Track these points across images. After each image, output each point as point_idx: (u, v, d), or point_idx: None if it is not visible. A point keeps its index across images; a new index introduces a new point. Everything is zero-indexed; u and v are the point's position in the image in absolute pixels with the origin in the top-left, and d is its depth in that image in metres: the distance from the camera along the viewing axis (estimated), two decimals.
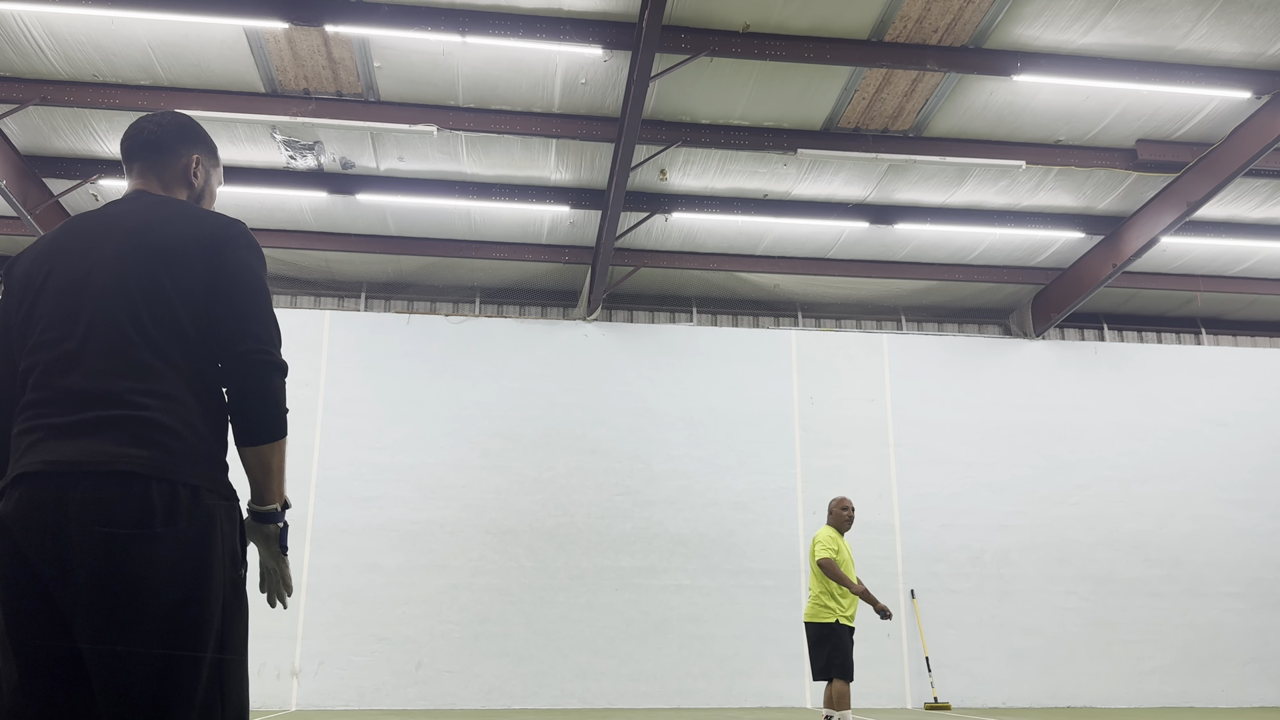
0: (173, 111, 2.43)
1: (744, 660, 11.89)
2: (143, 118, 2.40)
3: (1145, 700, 12.40)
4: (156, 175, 2.32)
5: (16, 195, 10.07)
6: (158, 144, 2.33)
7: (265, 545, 2.15)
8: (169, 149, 2.33)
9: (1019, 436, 13.17)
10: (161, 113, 2.41)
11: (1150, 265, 12.79)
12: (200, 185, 2.39)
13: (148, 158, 2.32)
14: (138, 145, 2.33)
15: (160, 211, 2.17)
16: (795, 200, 11.46)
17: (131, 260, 2.06)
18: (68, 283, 2.06)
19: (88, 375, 1.94)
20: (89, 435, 1.88)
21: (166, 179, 2.33)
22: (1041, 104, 9.78)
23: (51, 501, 1.84)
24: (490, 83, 9.43)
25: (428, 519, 11.92)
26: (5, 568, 1.86)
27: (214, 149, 2.46)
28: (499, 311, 13.19)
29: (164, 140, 2.33)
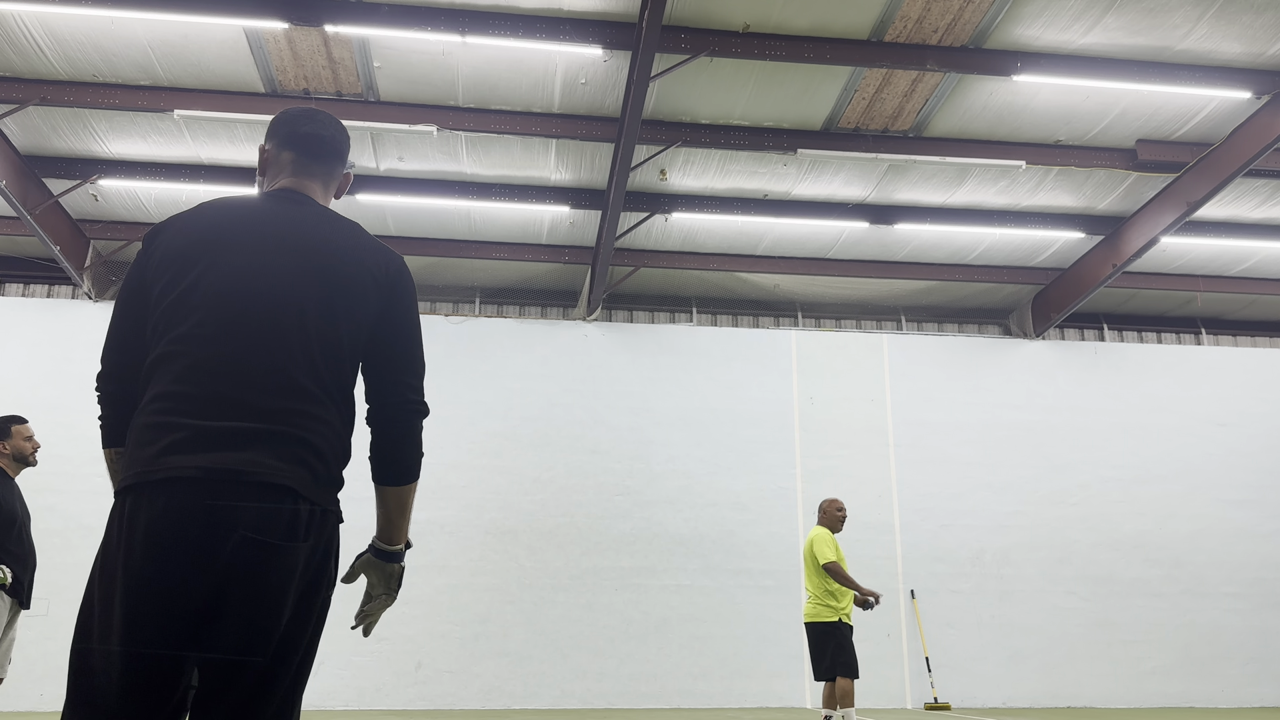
0: (336, 118, 2.37)
1: (744, 660, 11.89)
2: (315, 113, 2.31)
3: (1145, 700, 12.40)
4: (323, 181, 2.29)
5: (16, 195, 10.07)
6: (339, 153, 2.31)
7: (385, 582, 2.18)
8: (343, 159, 2.33)
9: (1019, 436, 13.17)
10: (331, 117, 2.35)
11: (1150, 265, 12.79)
12: (339, 198, 2.39)
13: (327, 162, 2.28)
14: (322, 147, 2.28)
15: (335, 231, 2.14)
16: (795, 200, 11.46)
17: (308, 279, 2.02)
18: (235, 281, 1.98)
19: (246, 385, 1.90)
20: (245, 446, 1.86)
21: (330, 188, 2.31)
22: (1041, 104, 9.78)
23: (209, 507, 1.81)
24: (490, 83, 9.43)
25: (428, 519, 11.92)
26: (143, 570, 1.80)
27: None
28: (499, 311, 13.19)
29: (343, 150, 2.32)
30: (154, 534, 1.80)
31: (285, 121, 2.27)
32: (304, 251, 2.05)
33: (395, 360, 2.09)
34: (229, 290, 1.98)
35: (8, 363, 11.85)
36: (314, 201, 2.22)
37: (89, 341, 12.04)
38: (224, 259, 2.02)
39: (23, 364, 11.86)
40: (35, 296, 12.41)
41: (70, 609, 11.16)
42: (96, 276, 12.11)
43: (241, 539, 1.81)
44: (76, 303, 12.24)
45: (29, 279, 12.48)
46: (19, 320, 12.05)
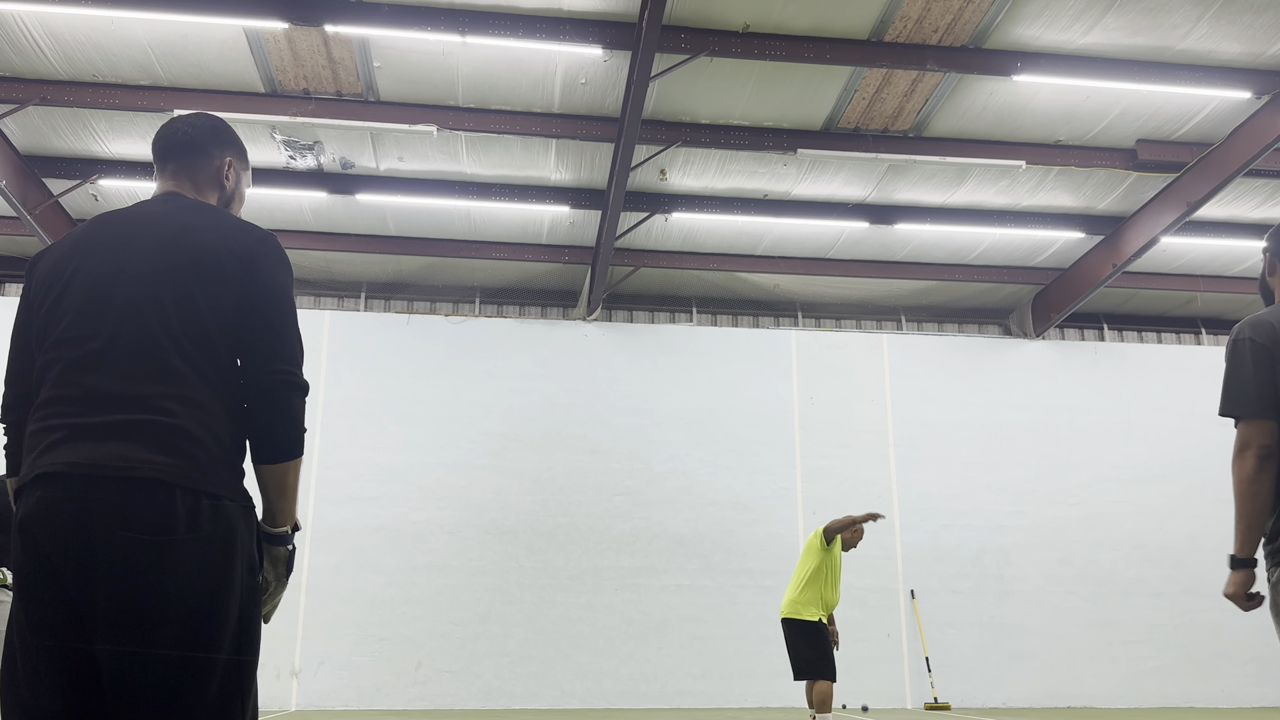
0: (205, 114, 2.42)
1: (744, 660, 11.89)
2: (176, 118, 2.40)
3: (1145, 700, 12.40)
4: (189, 177, 2.33)
5: (16, 195, 10.07)
6: (191, 145, 2.33)
7: (272, 566, 2.14)
8: (202, 150, 2.34)
9: (1019, 436, 13.17)
10: (195, 114, 2.41)
11: (1150, 265, 12.79)
12: (231, 188, 2.39)
13: (181, 158, 2.33)
14: (171, 145, 2.34)
15: (195, 218, 2.16)
16: (795, 200, 11.46)
17: (164, 265, 2.05)
18: (96, 281, 2.04)
19: (115, 377, 1.93)
20: (115, 438, 1.88)
21: (199, 181, 2.33)
22: (1041, 104, 9.78)
23: (74, 503, 1.84)
24: (490, 83, 9.43)
25: (428, 519, 11.92)
26: (28, 568, 1.86)
27: (245, 151, 2.46)
28: (499, 311, 13.19)
29: (198, 141, 2.34)
30: (26, 530, 1.86)
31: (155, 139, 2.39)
32: (161, 241, 2.08)
33: (261, 331, 2.05)
34: (91, 289, 2.03)
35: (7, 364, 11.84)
36: (181, 196, 2.26)
37: None
38: (88, 263, 2.07)
39: None
40: None
41: None
42: None
43: (108, 535, 1.81)
44: None
45: None
46: None
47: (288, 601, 11.41)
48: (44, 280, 2.10)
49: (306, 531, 11.57)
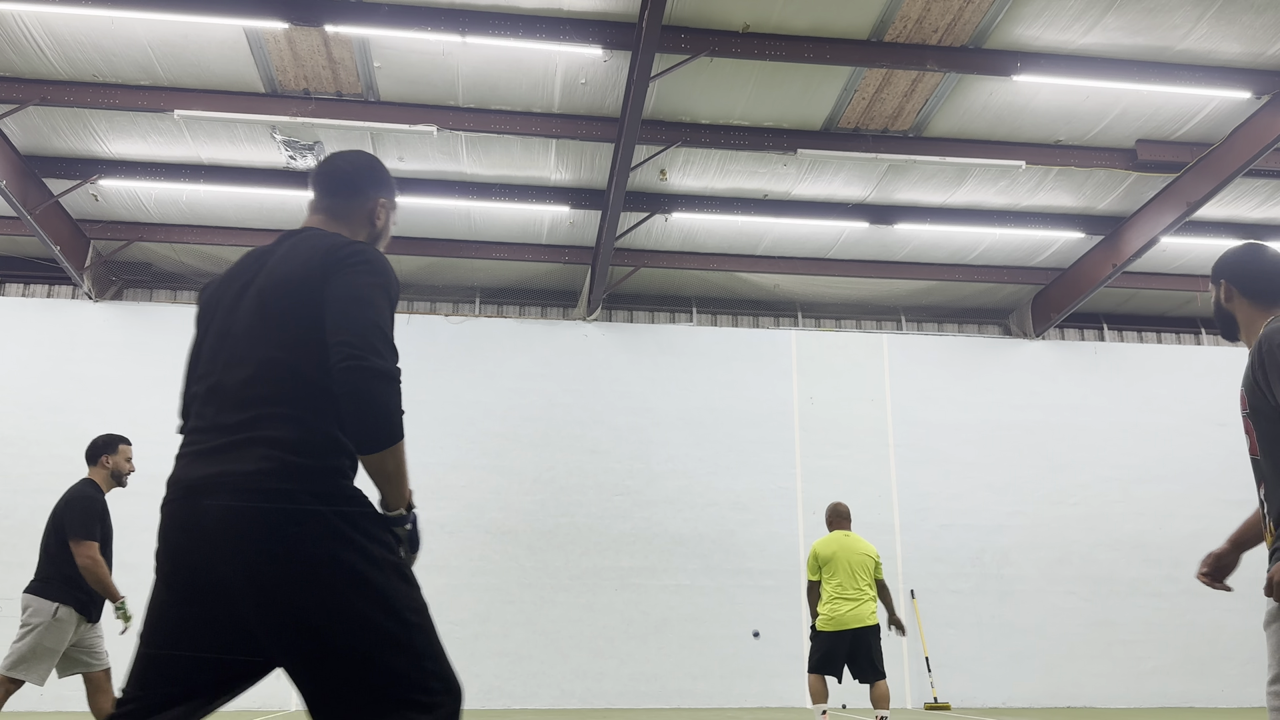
0: (364, 153, 2.50)
1: (744, 660, 11.89)
2: (337, 155, 2.49)
3: (1145, 700, 12.40)
4: (342, 215, 2.42)
5: (16, 195, 10.07)
6: (350, 185, 2.43)
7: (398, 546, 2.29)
8: (360, 191, 2.43)
9: (1019, 436, 13.17)
10: (355, 153, 2.49)
11: (1150, 265, 12.79)
12: (381, 227, 2.49)
13: (337, 196, 2.42)
14: (331, 182, 2.43)
15: (309, 242, 2.26)
16: (795, 200, 11.46)
17: (267, 291, 2.19)
18: (224, 318, 2.26)
19: (223, 408, 2.14)
20: (217, 460, 2.09)
21: (352, 220, 2.43)
22: (1041, 104, 9.79)
23: (190, 515, 2.08)
24: (490, 83, 9.43)
25: (428, 519, 11.90)
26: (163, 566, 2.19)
27: (394, 190, 2.54)
28: (499, 311, 13.19)
29: (357, 182, 2.43)
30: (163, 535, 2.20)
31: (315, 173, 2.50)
32: (268, 269, 2.23)
33: (336, 322, 2.11)
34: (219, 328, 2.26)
35: (8, 363, 11.85)
36: (317, 232, 2.32)
37: (89, 341, 12.04)
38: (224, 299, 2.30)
39: (23, 364, 11.86)
40: (35, 296, 12.41)
41: None
42: (96, 276, 12.11)
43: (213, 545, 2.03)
44: (77, 303, 12.24)
45: (29, 279, 12.48)
46: (19, 320, 12.04)
47: None
48: (199, 317, 2.36)
49: None
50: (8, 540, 11.28)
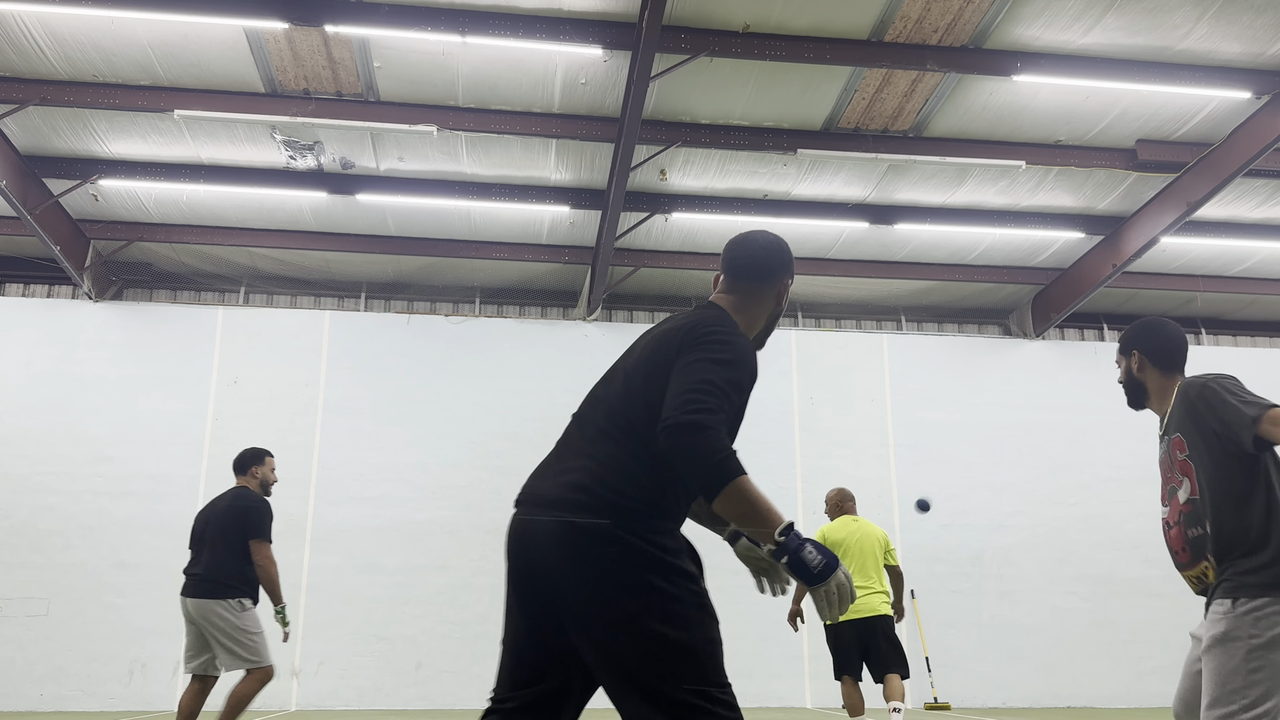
0: (775, 237, 2.66)
1: (744, 660, 11.83)
2: (752, 236, 2.66)
3: (1145, 700, 12.39)
4: (745, 294, 2.64)
5: (16, 195, 10.07)
6: (765, 271, 2.63)
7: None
8: (772, 276, 2.64)
9: (1019, 436, 13.17)
10: (767, 237, 2.65)
11: (1150, 265, 12.79)
12: (781, 306, 2.72)
13: (751, 279, 2.64)
14: (744, 267, 2.63)
15: (685, 317, 2.51)
16: (795, 200, 11.46)
17: (638, 354, 2.48)
18: (619, 363, 2.60)
19: (567, 445, 2.53)
20: (541, 489, 2.44)
21: (759, 297, 2.66)
22: (1041, 104, 9.78)
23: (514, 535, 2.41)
24: (490, 83, 9.43)
25: (428, 519, 11.92)
26: (508, 569, 2.43)
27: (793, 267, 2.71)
28: (499, 311, 13.18)
29: (771, 269, 2.63)
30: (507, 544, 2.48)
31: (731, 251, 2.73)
32: (644, 343, 2.53)
33: (669, 389, 2.31)
34: (604, 378, 2.63)
35: (8, 363, 11.85)
36: (704, 303, 2.62)
37: (89, 341, 12.04)
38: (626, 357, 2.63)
39: (23, 364, 11.86)
40: (35, 296, 12.41)
41: (70, 609, 11.17)
42: (97, 277, 12.11)
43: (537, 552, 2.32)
44: (77, 303, 12.24)
45: (29, 279, 12.48)
46: (19, 320, 12.04)
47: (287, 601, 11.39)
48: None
49: (306, 531, 11.58)
50: (7, 540, 11.28)
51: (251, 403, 11.99)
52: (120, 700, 10.95)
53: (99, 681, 10.97)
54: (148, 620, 11.14)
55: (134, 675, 11.05)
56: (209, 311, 12.35)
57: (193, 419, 11.89)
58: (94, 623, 11.13)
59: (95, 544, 11.35)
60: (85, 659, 11.02)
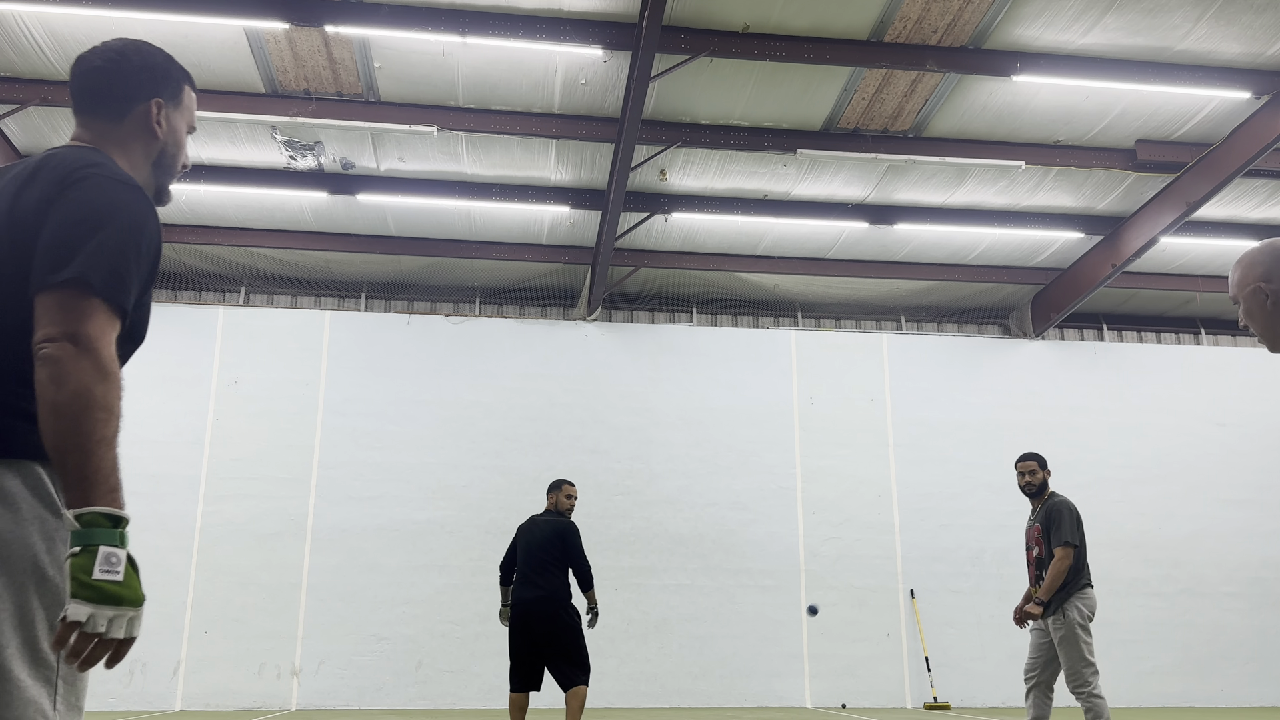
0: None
1: (744, 660, 11.90)
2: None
3: (1145, 700, 12.40)
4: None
5: None
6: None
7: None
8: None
9: (1019, 436, 13.16)
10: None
11: (1150, 265, 12.79)
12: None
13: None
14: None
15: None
16: (795, 200, 11.46)
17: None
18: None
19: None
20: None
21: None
22: (1041, 104, 9.79)
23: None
24: (490, 83, 9.44)
25: (428, 519, 11.92)
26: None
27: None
28: (499, 311, 13.19)
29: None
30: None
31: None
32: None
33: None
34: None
35: None
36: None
37: None
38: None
39: None
40: None
41: None
42: None
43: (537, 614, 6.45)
44: None
45: None
46: None
47: (288, 601, 11.42)
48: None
49: (306, 531, 11.59)
50: None
51: (251, 403, 12.00)
52: (120, 700, 10.96)
53: (99, 681, 10.97)
54: (148, 620, 11.14)
55: (134, 675, 11.05)
56: (209, 311, 12.36)
57: (193, 419, 11.89)
58: None
59: None
60: None
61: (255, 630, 11.24)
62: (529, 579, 6.54)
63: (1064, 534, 5.81)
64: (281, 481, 11.73)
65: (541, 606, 6.46)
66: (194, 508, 11.62)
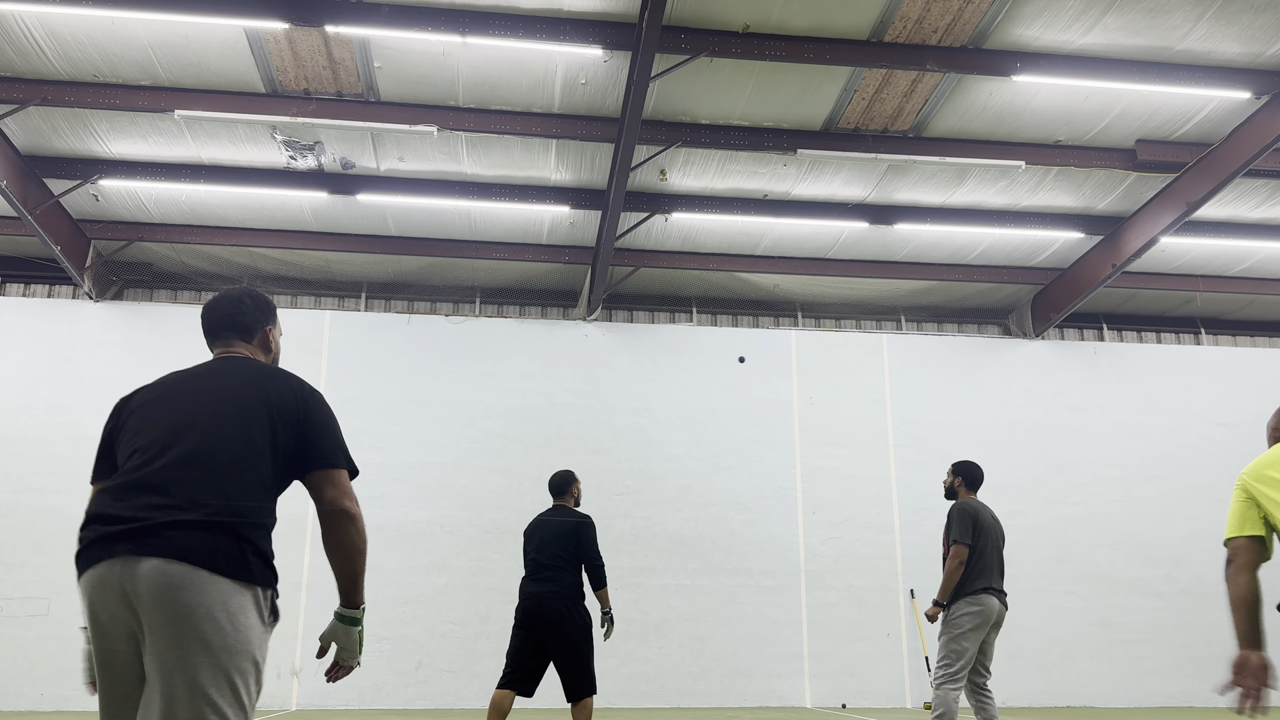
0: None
1: (744, 660, 11.90)
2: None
3: (1145, 700, 12.40)
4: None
5: (16, 195, 10.07)
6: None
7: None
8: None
9: (1019, 436, 13.18)
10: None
11: (1150, 265, 12.79)
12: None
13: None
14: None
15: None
16: (795, 200, 11.47)
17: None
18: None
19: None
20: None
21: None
22: (1041, 104, 9.79)
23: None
24: (490, 83, 9.44)
25: (428, 519, 11.93)
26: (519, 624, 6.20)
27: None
28: (499, 311, 13.19)
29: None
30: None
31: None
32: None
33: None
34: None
35: (8, 363, 11.86)
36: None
37: (90, 342, 12.05)
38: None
39: (23, 364, 11.87)
40: (36, 297, 12.42)
41: (71, 608, 11.18)
42: (97, 277, 12.12)
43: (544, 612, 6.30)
44: (77, 303, 12.25)
45: (30, 279, 12.49)
46: (19, 320, 12.05)
47: (288, 601, 11.43)
48: None
49: (306, 531, 11.60)
50: (8, 540, 11.29)
51: None
52: None
53: None
54: None
55: None
56: None
57: None
58: None
59: None
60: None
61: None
62: (541, 574, 6.27)
63: (953, 533, 6.39)
64: None
65: (554, 602, 6.16)
66: None
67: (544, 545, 6.38)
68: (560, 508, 6.68)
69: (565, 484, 6.79)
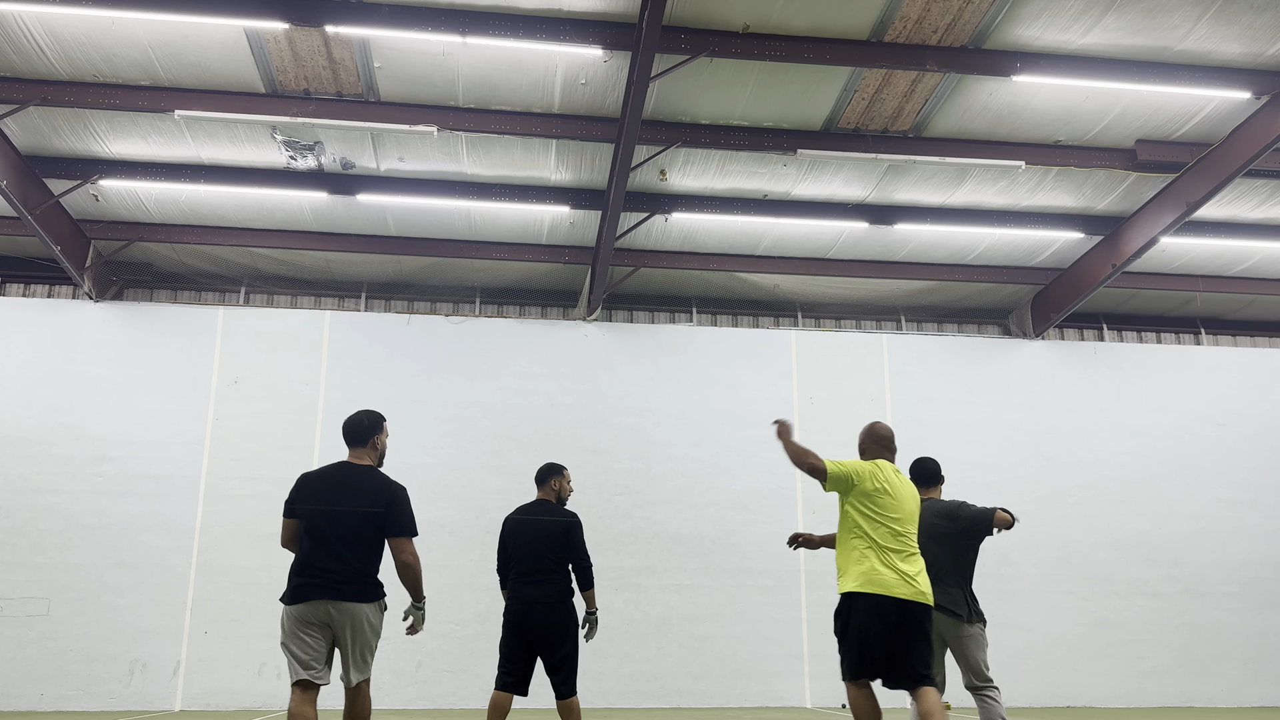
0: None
1: (744, 660, 11.90)
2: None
3: (1145, 700, 12.40)
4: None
5: (17, 195, 10.07)
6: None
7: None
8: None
9: (1019, 436, 13.18)
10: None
11: (1150, 265, 12.79)
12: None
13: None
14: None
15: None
16: (795, 200, 11.46)
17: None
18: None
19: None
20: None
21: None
22: (1041, 104, 9.79)
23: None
24: (490, 83, 9.44)
25: (428, 519, 11.83)
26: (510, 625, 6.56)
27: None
28: (499, 311, 13.19)
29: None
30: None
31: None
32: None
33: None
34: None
35: (8, 363, 11.85)
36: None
37: (90, 342, 12.04)
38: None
39: (23, 364, 11.87)
40: (36, 297, 12.41)
41: (70, 609, 11.18)
42: (97, 277, 12.12)
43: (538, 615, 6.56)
44: (77, 303, 12.25)
45: (30, 279, 12.49)
46: (19, 320, 12.05)
47: None
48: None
49: None
50: (8, 540, 11.29)
51: (251, 403, 12.00)
52: (120, 700, 10.96)
53: (99, 681, 10.98)
54: (148, 620, 11.15)
55: (134, 675, 11.06)
56: (209, 311, 12.36)
57: (193, 419, 11.89)
58: (94, 623, 11.13)
59: (96, 544, 11.36)
60: (85, 659, 11.03)
61: (255, 630, 11.24)
62: (531, 577, 6.22)
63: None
64: (281, 481, 11.63)
65: (545, 607, 6.18)
66: (194, 508, 11.62)
67: (532, 546, 6.24)
68: (544, 503, 6.50)
69: (548, 475, 6.55)
